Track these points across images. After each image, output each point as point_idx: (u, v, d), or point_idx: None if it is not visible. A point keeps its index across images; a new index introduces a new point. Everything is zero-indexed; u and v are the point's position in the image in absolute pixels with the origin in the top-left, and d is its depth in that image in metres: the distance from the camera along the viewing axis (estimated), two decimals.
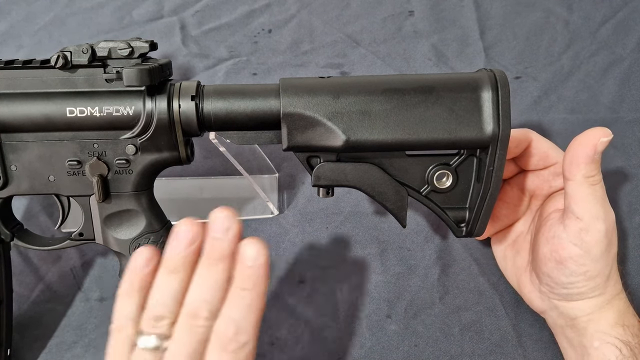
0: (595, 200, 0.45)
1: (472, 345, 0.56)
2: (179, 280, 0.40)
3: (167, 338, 0.39)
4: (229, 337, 0.39)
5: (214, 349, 0.39)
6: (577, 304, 0.48)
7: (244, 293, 0.39)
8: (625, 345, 0.47)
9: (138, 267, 0.40)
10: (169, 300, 0.39)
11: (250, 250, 0.39)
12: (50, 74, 0.45)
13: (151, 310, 0.40)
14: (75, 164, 0.47)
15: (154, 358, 0.39)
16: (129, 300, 0.40)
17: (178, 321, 0.39)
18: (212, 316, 0.39)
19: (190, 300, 0.39)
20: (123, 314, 0.40)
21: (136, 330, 0.40)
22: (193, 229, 0.39)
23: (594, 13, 0.66)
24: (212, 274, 0.39)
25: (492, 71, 0.45)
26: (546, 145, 0.50)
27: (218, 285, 0.39)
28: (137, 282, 0.40)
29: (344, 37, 0.66)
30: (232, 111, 0.45)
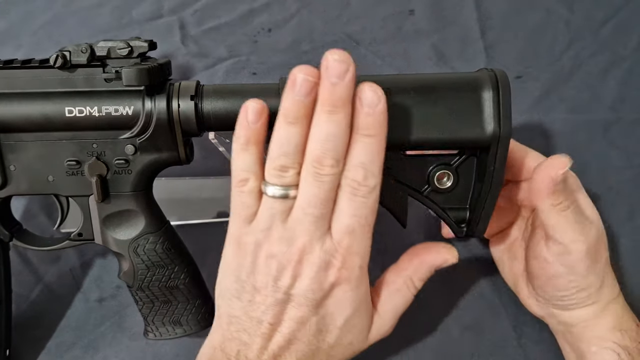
0: (567, 225, 0.45)
1: (473, 345, 0.56)
2: (300, 130, 0.39)
3: (294, 187, 0.40)
4: (359, 181, 0.39)
5: (344, 195, 0.40)
6: (573, 312, 0.48)
7: (369, 139, 0.39)
8: (624, 349, 0.47)
9: (250, 121, 0.40)
10: (292, 150, 0.39)
11: (371, 95, 0.38)
12: (49, 74, 0.45)
13: (275, 162, 0.40)
14: (74, 164, 0.46)
15: (283, 206, 0.40)
16: (246, 153, 0.41)
17: (303, 170, 0.40)
18: (337, 163, 0.39)
19: (313, 149, 0.39)
20: (243, 168, 0.41)
21: (260, 182, 0.41)
22: (310, 75, 0.38)
23: (595, 13, 0.66)
24: (332, 122, 0.38)
25: (492, 71, 0.44)
26: (524, 155, 0.49)
27: (339, 133, 0.39)
28: (252, 136, 0.40)
29: (344, 37, 0.66)
30: (231, 111, 0.45)
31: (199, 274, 0.52)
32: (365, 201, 0.40)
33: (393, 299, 0.46)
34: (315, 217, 0.40)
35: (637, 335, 0.48)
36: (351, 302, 0.42)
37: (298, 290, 0.41)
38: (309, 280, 0.41)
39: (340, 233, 0.41)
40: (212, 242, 0.59)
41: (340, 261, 0.41)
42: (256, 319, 0.42)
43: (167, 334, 0.51)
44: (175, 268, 0.50)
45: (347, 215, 0.40)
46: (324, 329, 0.43)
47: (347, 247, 0.41)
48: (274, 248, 0.41)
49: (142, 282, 0.49)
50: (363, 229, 0.41)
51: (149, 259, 0.49)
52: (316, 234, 0.40)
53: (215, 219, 0.60)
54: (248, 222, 0.42)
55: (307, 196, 0.40)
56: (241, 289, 0.42)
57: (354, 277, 0.42)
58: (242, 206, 0.42)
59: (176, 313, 0.50)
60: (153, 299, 0.50)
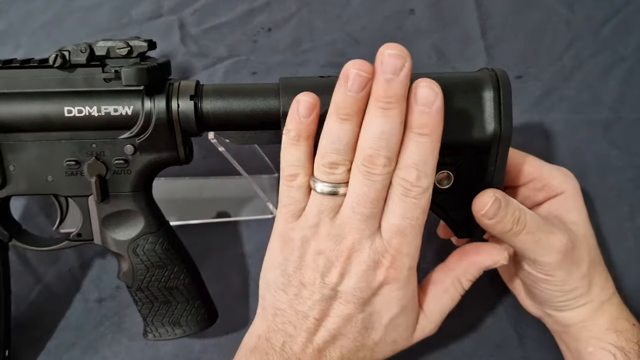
0: (527, 245, 0.45)
1: (473, 346, 0.55)
2: (351, 127, 0.39)
3: (343, 185, 0.40)
4: (411, 182, 0.39)
5: (395, 195, 0.40)
6: (567, 313, 0.48)
7: (423, 139, 0.38)
8: (620, 350, 0.47)
9: (302, 114, 0.40)
10: (343, 147, 0.39)
11: (427, 92, 0.38)
12: (49, 74, 0.45)
13: (325, 158, 0.40)
14: (73, 164, 0.46)
15: (332, 203, 0.40)
16: (296, 148, 0.40)
17: (354, 168, 0.39)
18: (389, 162, 0.39)
19: (365, 146, 0.39)
20: (292, 162, 0.41)
21: (309, 177, 0.41)
22: (365, 71, 0.37)
23: (596, 12, 0.66)
24: (386, 119, 0.38)
25: (493, 70, 0.44)
26: (521, 160, 0.49)
27: (393, 130, 0.38)
28: (303, 130, 0.40)
29: (344, 36, 0.66)
30: (231, 111, 0.45)
31: (199, 275, 0.52)
32: (416, 202, 0.40)
33: (440, 299, 0.46)
34: (364, 216, 0.40)
35: (633, 336, 0.48)
36: (398, 301, 0.42)
37: (345, 288, 0.41)
38: (356, 278, 0.41)
39: (390, 233, 0.41)
40: (212, 242, 0.59)
41: (389, 261, 0.41)
42: (302, 313, 0.42)
43: (166, 335, 0.51)
44: (174, 268, 0.50)
45: (398, 216, 0.40)
46: (370, 326, 0.43)
47: (397, 247, 0.41)
48: (322, 245, 0.41)
49: (142, 282, 0.49)
50: (413, 230, 0.41)
51: (148, 260, 0.49)
52: (365, 233, 0.40)
53: (215, 219, 0.60)
54: (296, 217, 0.42)
55: (357, 195, 0.39)
56: (287, 282, 0.42)
57: (403, 277, 0.42)
58: (290, 201, 0.42)
59: (175, 314, 0.50)
60: (152, 300, 0.50)
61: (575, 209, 0.48)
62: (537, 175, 0.48)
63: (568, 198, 0.48)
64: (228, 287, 0.58)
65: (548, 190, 0.48)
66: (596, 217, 0.58)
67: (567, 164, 0.54)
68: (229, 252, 0.59)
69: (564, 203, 0.48)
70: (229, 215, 0.60)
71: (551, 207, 0.49)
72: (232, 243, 0.59)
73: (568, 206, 0.48)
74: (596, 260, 0.48)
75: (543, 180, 0.48)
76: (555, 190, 0.48)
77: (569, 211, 0.48)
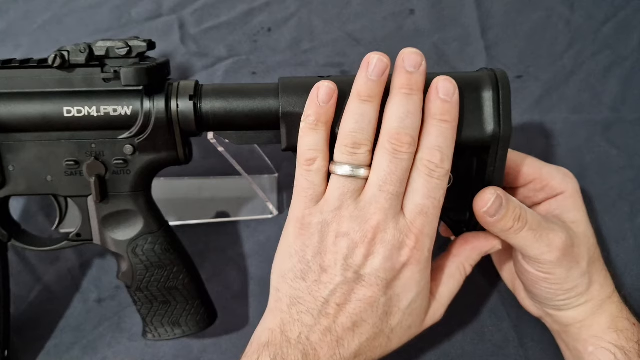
0: (528, 242, 0.45)
1: (473, 346, 0.55)
2: (373, 108, 0.41)
3: (365, 167, 0.41)
4: (436, 163, 0.41)
5: (420, 176, 0.41)
6: (567, 312, 0.48)
7: (445, 125, 0.41)
8: (620, 350, 0.47)
9: (322, 100, 0.42)
10: (366, 125, 0.41)
11: (448, 85, 0.41)
12: (48, 74, 0.45)
13: (347, 139, 0.41)
14: (72, 164, 0.46)
15: (355, 185, 0.41)
16: (315, 132, 0.42)
17: (379, 148, 0.41)
18: (413, 142, 0.41)
19: (391, 127, 0.41)
20: (311, 146, 0.42)
21: (327, 162, 0.42)
22: (384, 58, 0.41)
23: (596, 12, 0.66)
24: (410, 101, 0.41)
25: (493, 71, 0.44)
26: (521, 161, 0.49)
27: (417, 112, 0.41)
28: (322, 115, 0.42)
29: (344, 36, 0.65)
30: (230, 111, 0.45)
31: (198, 275, 0.52)
32: (440, 183, 0.41)
33: (448, 284, 0.47)
34: (391, 195, 0.40)
35: (633, 335, 0.48)
36: (417, 283, 0.43)
37: (369, 270, 0.41)
38: (382, 258, 0.41)
39: (414, 213, 0.41)
40: (212, 242, 0.59)
41: (413, 241, 0.41)
42: (322, 300, 0.41)
43: (166, 335, 0.51)
44: (174, 269, 0.49)
45: (422, 195, 0.41)
46: (389, 311, 0.43)
47: (421, 227, 0.41)
48: (344, 227, 0.41)
49: (141, 282, 0.49)
50: (435, 211, 0.42)
51: (147, 260, 0.49)
52: (390, 213, 0.41)
53: (214, 219, 0.60)
54: (314, 201, 0.42)
55: (384, 173, 0.41)
56: (307, 269, 0.42)
57: (424, 259, 0.42)
58: (309, 185, 0.42)
59: (175, 314, 0.50)
60: (152, 300, 0.50)
61: (575, 209, 0.48)
62: (536, 176, 0.48)
63: (568, 198, 0.48)
64: (228, 287, 0.58)
65: (548, 190, 0.48)
66: (596, 217, 0.58)
67: (567, 164, 0.54)
68: (229, 252, 0.59)
69: (563, 203, 0.48)
70: (229, 215, 0.60)
71: (551, 207, 0.49)
72: (232, 243, 0.59)
73: (568, 206, 0.48)
74: (596, 258, 0.48)
75: (543, 181, 0.48)
76: (555, 191, 0.48)
77: (568, 211, 0.48)
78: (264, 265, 0.58)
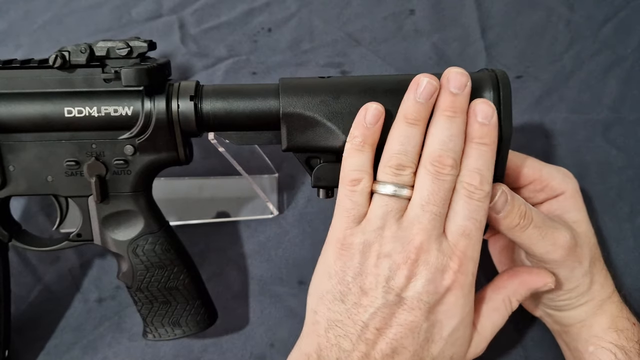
0: (534, 240, 0.45)
1: None
2: (419, 131, 0.41)
3: (408, 187, 0.41)
4: (476, 185, 0.41)
5: (460, 198, 0.41)
6: (568, 312, 0.48)
7: (485, 148, 0.41)
8: (620, 349, 0.47)
9: (370, 122, 0.42)
10: (411, 149, 0.41)
11: (486, 107, 0.41)
12: (49, 74, 0.45)
13: (392, 160, 0.41)
14: (73, 165, 0.46)
15: (398, 205, 0.41)
16: (361, 154, 0.42)
17: (422, 169, 0.41)
18: (456, 164, 0.41)
19: (434, 149, 0.41)
20: (357, 167, 0.42)
21: (371, 183, 0.42)
22: (435, 81, 0.41)
23: (596, 12, 0.66)
24: (453, 125, 0.41)
25: (493, 71, 0.44)
26: (521, 162, 0.49)
27: (459, 135, 0.41)
28: (369, 136, 0.42)
29: (344, 36, 0.66)
30: (231, 111, 0.45)
31: (199, 275, 0.52)
32: (481, 205, 0.41)
33: (491, 317, 0.45)
34: (434, 215, 0.40)
35: (633, 335, 0.48)
36: (461, 310, 0.41)
37: (412, 292, 0.40)
38: (425, 281, 0.40)
39: (457, 235, 0.41)
40: (212, 242, 0.59)
41: (457, 264, 0.40)
42: (361, 323, 0.40)
43: (166, 335, 0.51)
44: (174, 269, 0.50)
45: (463, 217, 0.41)
46: (431, 338, 0.41)
47: (463, 250, 0.40)
48: (386, 247, 0.40)
49: (141, 282, 0.49)
50: (478, 234, 0.41)
51: (148, 260, 0.49)
52: (434, 234, 0.40)
53: (214, 219, 0.60)
54: (357, 222, 0.41)
55: (427, 193, 0.40)
56: (347, 290, 0.41)
57: (467, 284, 0.41)
58: (353, 205, 0.41)
59: (175, 314, 0.50)
60: (152, 300, 0.50)
61: (576, 209, 0.49)
62: (537, 177, 0.48)
63: (568, 198, 0.48)
64: (228, 287, 0.58)
65: (548, 191, 0.48)
66: (596, 217, 0.58)
67: (567, 164, 0.54)
68: (229, 252, 0.59)
69: (564, 203, 0.48)
70: (229, 215, 0.60)
71: (551, 207, 0.49)
72: (231, 243, 0.59)
73: (568, 206, 0.48)
74: (596, 258, 0.48)
75: (543, 182, 0.48)
76: (555, 191, 0.48)
77: (569, 211, 0.48)
78: (264, 265, 0.58)
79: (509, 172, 0.48)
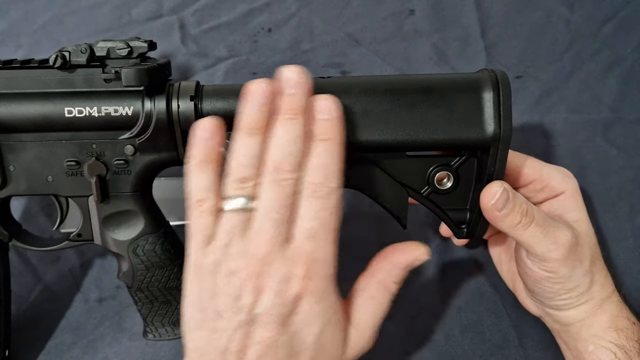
0: (535, 239, 0.45)
1: (473, 346, 0.55)
2: (258, 140, 0.39)
3: (254, 198, 0.39)
4: (319, 182, 0.39)
5: (304, 198, 0.39)
6: (568, 312, 0.48)
7: (327, 143, 0.39)
8: (620, 349, 0.47)
9: (206, 139, 0.40)
10: (252, 160, 0.39)
11: (326, 102, 0.40)
12: (49, 74, 0.45)
13: (235, 174, 0.39)
14: (73, 165, 0.46)
15: (242, 218, 0.39)
16: (203, 173, 0.40)
17: (263, 178, 0.39)
18: (296, 168, 0.39)
19: (273, 156, 0.39)
20: (200, 187, 0.40)
21: (218, 201, 0.39)
22: (265, 87, 0.40)
23: (596, 12, 0.66)
24: (291, 128, 0.39)
25: (493, 71, 0.44)
26: (521, 162, 0.49)
27: (298, 138, 0.39)
28: (208, 154, 0.40)
29: (344, 37, 0.66)
30: (231, 111, 0.45)
31: None
32: (326, 202, 0.39)
33: (368, 308, 0.43)
34: (275, 222, 0.38)
35: (633, 334, 0.48)
36: (318, 316, 0.39)
37: (262, 309, 0.38)
38: (272, 293, 0.38)
39: (302, 238, 0.38)
40: None
41: (303, 269, 0.38)
42: (221, 348, 0.38)
43: (166, 335, 0.51)
44: (174, 269, 0.50)
45: (308, 218, 0.39)
46: (294, 351, 0.39)
47: (310, 253, 0.38)
48: (232, 264, 0.38)
49: (142, 282, 0.49)
50: (326, 234, 0.39)
51: (148, 260, 0.49)
52: (277, 241, 0.38)
53: None
54: (206, 243, 0.39)
55: (267, 201, 0.38)
56: (204, 316, 0.39)
57: (320, 288, 0.39)
58: (202, 227, 0.39)
59: (175, 314, 0.50)
60: (152, 300, 0.50)
61: (576, 208, 0.49)
62: (537, 176, 0.48)
63: (568, 198, 0.49)
64: None
65: (548, 191, 0.49)
66: (596, 216, 0.59)
67: (567, 164, 0.54)
68: None
69: (564, 203, 0.49)
70: None
71: (552, 207, 0.49)
72: None
73: (568, 206, 0.48)
74: (596, 257, 0.49)
75: (543, 182, 0.48)
76: (555, 191, 0.49)
77: (569, 210, 0.48)
78: None
79: (509, 172, 0.47)
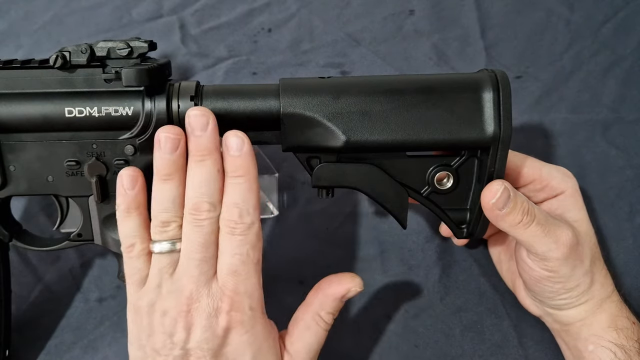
0: (536, 238, 0.45)
1: (473, 346, 0.56)
2: (174, 185, 0.42)
3: (178, 240, 0.42)
4: (235, 220, 0.41)
5: (223, 235, 0.41)
6: (568, 311, 0.49)
7: (239, 180, 0.42)
8: (620, 348, 0.47)
9: (127, 188, 0.42)
10: (170, 205, 0.41)
11: (235, 139, 0.42)
12: (49, 74, 0.45)
13: (157, 219, 0.42)
14: (73, 165, 0.46)
15: (170, 259, 0.42)
16: (129, 220, 0.42)
17: (184, 220, 0.42)
18: (213, 207, 0.41)
19: (189, 197, 0.41)
20: (128, 233, 0.42)
21: (147, 244, 0.42)
22: (173, 133, 0.41)
23: (595, 12, 0.66)
24: (203, 169, 0.41)
25: (493, 72, 0.44)
26: (521, 162, 0.49)
27: (211, 178, 0.41)
28: (131, 202, 0.42)
29: (344, 37, 0.66)
30: (231, 111, 0.45)
31: None
32: (243, 238, 0.41)
33: (303, 337, 0.45)
34: (197, 261, 0.41)
35: (633, 333, 0.48)
36: (249, 345, 0.42)
37: (193, 343, 0.41)
38: (201, 329, 0.41)
39: (225, 275, 0.41)
40: None
41: (228, 304, 0.41)
42: None
43: None
44: None
45: (228, 254, 0.41)
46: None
47: (233, 288, 0.41)
48: (164, 303, 0.41)
49: None
50: (247, 268, 0.41)
51: None
52: (202, 280, 0.41)
53: None
54: (141, 285, 0.42)
55: (188, 242, 0.41)
56: (144, 354, 0.42)
57: (247, 319, 0.42)
58: (134, 270, 0.42)
59: None
60: None
61: (576, 208, 0.49)
62: (536, 176, 0.48)
63: (568, 197, 0.49)
64: None
65: (548, 190, 0.49)
66: (596, 216, 0.59)
67: (567, 164, 0.54)
68: None
69: (564, 202, 0.49)
70: None
71: (552, 207, 0.49)
72: None
73: (568, 205, 0.48)
74: (596, 257, 0.49)
75: (543, 182, 0.48)
76: (555, 191, 0.49)
77: (569, 210, 0.48)
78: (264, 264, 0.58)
79: (509, 172, 0.47)
